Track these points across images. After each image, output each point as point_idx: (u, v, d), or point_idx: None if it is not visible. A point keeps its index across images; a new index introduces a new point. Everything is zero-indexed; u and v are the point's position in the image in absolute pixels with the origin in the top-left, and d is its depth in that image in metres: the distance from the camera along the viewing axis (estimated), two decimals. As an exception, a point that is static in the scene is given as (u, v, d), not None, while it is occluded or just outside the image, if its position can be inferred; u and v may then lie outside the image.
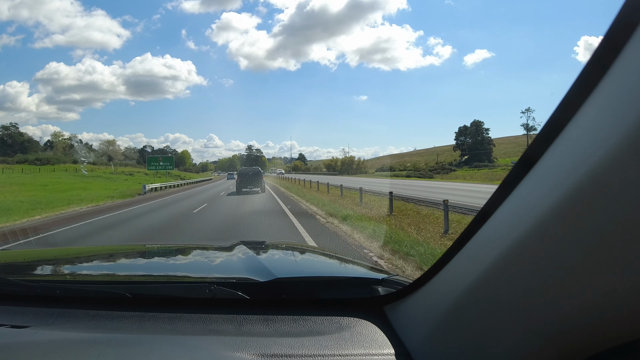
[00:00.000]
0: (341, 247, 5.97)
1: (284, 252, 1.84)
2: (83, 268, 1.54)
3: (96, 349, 0.81)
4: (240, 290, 1.01)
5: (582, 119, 0.47)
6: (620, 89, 0.43)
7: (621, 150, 0.41)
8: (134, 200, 19.71)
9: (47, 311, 1.02)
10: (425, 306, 0.83)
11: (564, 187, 0.47)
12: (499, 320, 0.61)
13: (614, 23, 0.44)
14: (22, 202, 16.45)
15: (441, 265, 0.77)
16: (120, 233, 8.78)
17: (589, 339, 0.51)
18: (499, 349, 0.62)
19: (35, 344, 0.84)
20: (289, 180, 39.47)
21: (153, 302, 1.05)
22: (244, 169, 24.50)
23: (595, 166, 0.43)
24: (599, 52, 0.46)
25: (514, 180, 0.57)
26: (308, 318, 0.95)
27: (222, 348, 0.83)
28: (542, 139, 0.53)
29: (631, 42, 0.42)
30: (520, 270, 0.55)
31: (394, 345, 0.85)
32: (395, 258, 5.04)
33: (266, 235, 7.66)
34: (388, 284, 1.02)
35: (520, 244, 0.54)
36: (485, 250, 0.62)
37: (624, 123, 0.41)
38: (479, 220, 0.65)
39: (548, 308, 0.52)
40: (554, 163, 0.50)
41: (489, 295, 0.62)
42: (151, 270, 1.52)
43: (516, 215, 0.56)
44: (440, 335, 0.75)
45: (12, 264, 1.61)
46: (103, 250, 2.12)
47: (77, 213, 13.35)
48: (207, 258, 1.72)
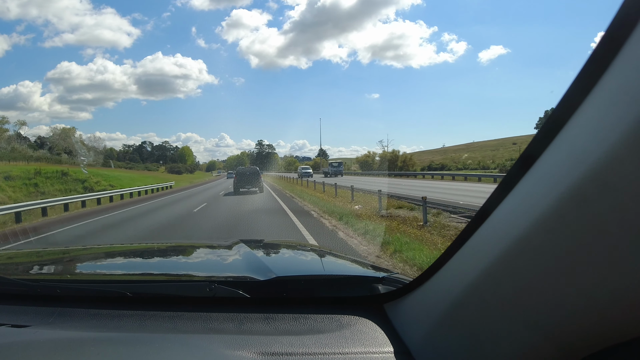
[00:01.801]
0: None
1: (284, 250, 1.84)
2: (83, 267, 1.54)
3: (97, 347, 0.81)
4: (240, 288, 1.02)
5: (581, 117, 0.47)
6: (620, 87, 0.43)
7: (621, 149, 0.41)
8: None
9: (48, 310, 1.02)
10: (425, 304, 0.83)
11: (563, 185, 0.47)
12: (499, 318, 0.61)
13: (614, 21, 0.44)
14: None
15: (441, 264, 0.77)
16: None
17: (589, 337, 0.51)
18: (499, 346, 0.62)
19: (36, 343, 0.84)
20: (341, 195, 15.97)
21: (153, 301, 1.05)
22: (241, 168, 24.72)
23: (595, 164, 0.43)
24: (599, 50, 0.46)
25: (513, 179, 0.57)
26: (308, 316, 0.95)
27: (222, 346, 0.83)
28: (541, 137, 0.53)
29: (630, 40, 0.42)
30: (520, 268, 0.55)
31: (394, 343, 0.85)
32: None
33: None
34: (388, 282, 1.02)
35: (520, 242, 0.54)
36: (485, 249, 0.63)
37: (624, 121, 0.41)
38: (478, 219, 0.65)
39: (548, 306, 0.52)
40: (554, 161, 0.51)
41: (489, 293, 0.62)
42: (151, 269, 1.52)
43: (516, 213, 0.56)
44: (441, 333, 0.75)
45: (13, 263, 1.61)
46: (103, 250, 2.12)
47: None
48: (207, 257, 1.72)
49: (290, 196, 17.47)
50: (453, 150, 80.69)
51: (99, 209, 16.73)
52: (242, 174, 21.83)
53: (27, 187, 24.74)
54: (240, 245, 1.56)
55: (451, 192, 16.15)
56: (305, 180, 27.72)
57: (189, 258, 1.70)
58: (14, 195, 22.13)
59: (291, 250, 1.88)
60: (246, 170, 22.69)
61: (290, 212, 11.10)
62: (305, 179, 28.88)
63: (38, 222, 12.65)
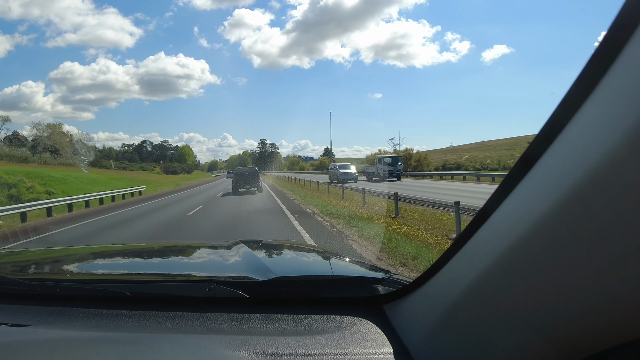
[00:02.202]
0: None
1: (283, 251, 1.84)
2: (83, 267, 1.54)
3: (96, 347, 0.81)
4: (240, 289, 1.02)
5: (582, 118, 0.47)
6: (621, 88, 0.43)
7: (621, 150, 0.41)
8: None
9: (47, 310, 1.02)
10: (425, 305, 0.83)
11: (564, 186, 0.47)
12: (499, 319, 0.61)
13: (615, 22, 0.44)
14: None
15: (441, 265, 0.77)
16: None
17: (589, 338, 0.51)
18: (499, 347, 0.62)
19: (36, 343, 0.84)
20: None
21: (153, 301, 1.05)
22: (240, 168, 24.61)
23: (596, 166, 0.43)
24: (600, 51, 0.46)
25: (514, 180, 0.57)
26: (308, 317, 0.95)
27: (222, 347, 0.83)
28: (542, 138, 0.53)
29: (631, 41, 0.42)
30: (520, 270, 0.55)
31: (394, 344, 0.85)
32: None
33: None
34: (388, 283, 1.02)
35: (520, 243, 0.54)
36: (485, 250, 0.62)
37: (624, 122, 0.41)
38: (479, 220, 0.65)
39: (548, 307, 0.52)
40: (554, 162, 0.50)
41: (489, 294, 0.62)
42: (151, 269, 1.52)
43: (516, 214, 0.56)
44: (440, 334, 0.75)
45: (13, 262, 1.62)
46: (103, 249, 2.12)
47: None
48: (207, 257, 1.72)
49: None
50: (464, 150, 75.52)
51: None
52: (241, 174, 21.91)
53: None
54: (240, 245, 1.56)
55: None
56: (336, 186, 17.56)
57: (189, 258, 1.70)
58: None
59: (291, 250, 1.88)
60: (245, 170, 22.74)
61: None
62: (341, 184, 18.62)
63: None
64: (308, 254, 1.75)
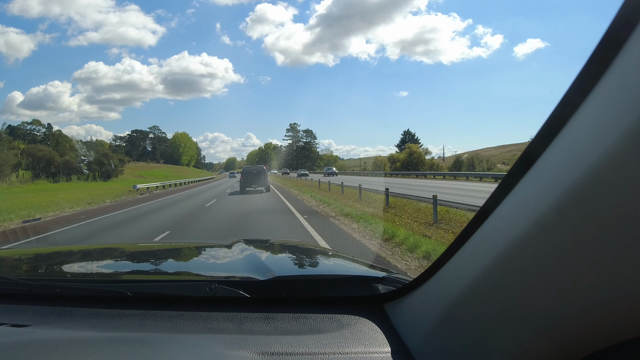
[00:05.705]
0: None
1: (284, 250, 1.85)
2: (83, 267, 1.54)
3: (97, 347, 0.81)
4: (240, 288, 1.02)
5: (582, 117, 0.47)
6: (620, 87, 0.43)
7: (621, 149, 0.41)
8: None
9: (48, 310, 1.03)
10: (425, 304, 0.83)
11: (563, 185, 0.47)
12: (499, 318, 0.61)
13: (614, 21, 0.44)
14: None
15: (441, 263, 0.77)
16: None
17: (589, 336, 0.51)
18: (499, 346, 0.62)
19: (36, 343, 0.84)
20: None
21: (153, 301, 1.05)
22: (247, 167, 25.25)
23: (595, 164, 0.43)
24: (599, 50, 0.46)
25: (513, 179, 0.57)
26: (308, 316, 0.96)
27: (222, 346, 0.83)
28: (542, 137, 0.53)
29: (631, 40, 0.42)
30: (520, 268, 0.55)
31: (394, 343, 0.85)
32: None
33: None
34: (388, 282, 1.02)
35: (520, 241, 0.54)
36: (485, 248, 0.62)
37: (624, 121, 0.41)
38: (479, 218, 0.65)
39: (548, 306, 0.52)
40: (554, 161, 0.50)
41: (489, 293, 0.62)
42: (151, 268, 1.52)
43: (516, 213, 0.56)
44: (441, 333, 0.75)
45: (13, 262, 1.61)
46: (103, 249, 2.12)
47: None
48: (207, 256, 1.72)
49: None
50: (512, 148, 70.13)
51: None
52: (248, 173, 22.29)
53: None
54: (241, 244, 1.57)
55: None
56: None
57: (189, 258, 1.71)
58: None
59: (291, 250, 1.88)
60: (252, 169, 23.13)
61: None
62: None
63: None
64: (308, 253, 1.76)
